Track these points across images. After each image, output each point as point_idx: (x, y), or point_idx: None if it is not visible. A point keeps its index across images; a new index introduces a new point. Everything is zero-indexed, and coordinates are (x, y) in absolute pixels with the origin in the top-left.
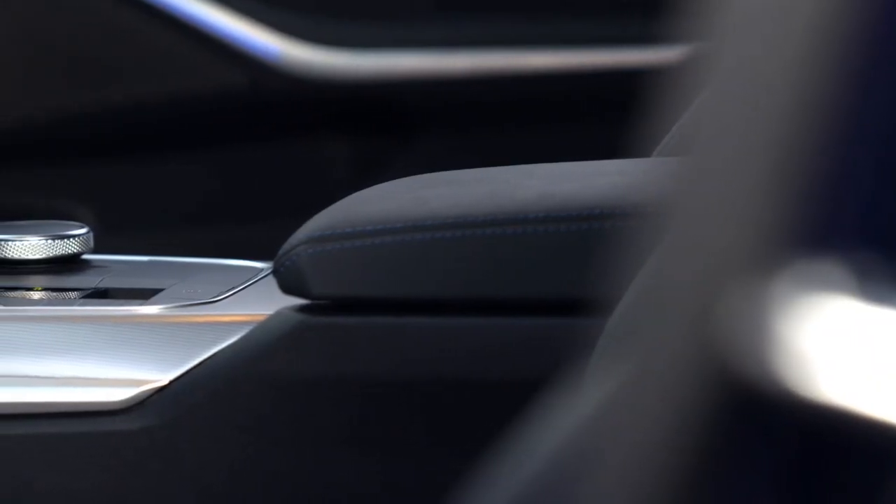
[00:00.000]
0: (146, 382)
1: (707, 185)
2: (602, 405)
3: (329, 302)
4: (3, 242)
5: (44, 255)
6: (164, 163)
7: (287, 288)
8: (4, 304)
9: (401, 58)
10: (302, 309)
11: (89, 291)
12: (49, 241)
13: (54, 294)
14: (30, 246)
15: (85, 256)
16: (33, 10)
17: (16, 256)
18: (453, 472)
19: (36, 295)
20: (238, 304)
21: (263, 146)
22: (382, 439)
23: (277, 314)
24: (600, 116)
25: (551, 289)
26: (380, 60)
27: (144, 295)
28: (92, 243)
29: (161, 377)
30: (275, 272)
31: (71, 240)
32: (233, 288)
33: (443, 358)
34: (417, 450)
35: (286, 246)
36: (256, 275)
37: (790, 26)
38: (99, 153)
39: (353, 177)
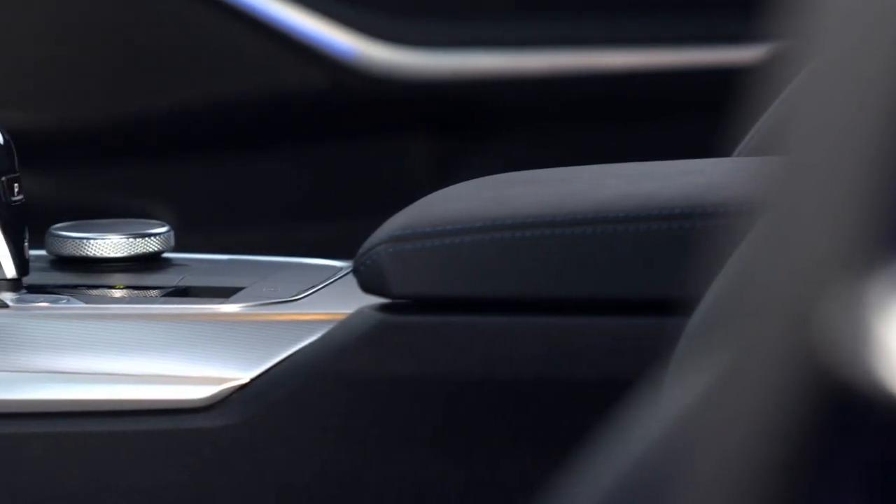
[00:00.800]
0: (227, 380)
1: (803, 185)
2: (691, 406)
3: (409, 301)
4: (85, 241)
5: (125, 254)
6: (243, 162)
7: (367, 287)
8: (87, 302)
9: (480, 57)
10: (382, 308)
11: (170, 290)
12: (131, 240)
13: (136, 292)
14: (111, 244)
15: (166, 255)
16: (116, 11)
17: (98, 255)
18: (533, 473)
19: (117, 293)
20: (318, 302)
21: (342, 146)
22: (461, 439)
23: (357, 313)
24: (679, 116)
25: (631, 289)
26: (459, 60)
27: (225, 293)
28: (173, 242)
29: (242, 375)
30: (355, 271)
31: (152, 238)
32: (313, 287)
33: (522, 357)
34: (496, 449)
35: (366, 245)
36: (336, 274)
37: (888, 23)
38: (179, 153)
39: (432, 176)
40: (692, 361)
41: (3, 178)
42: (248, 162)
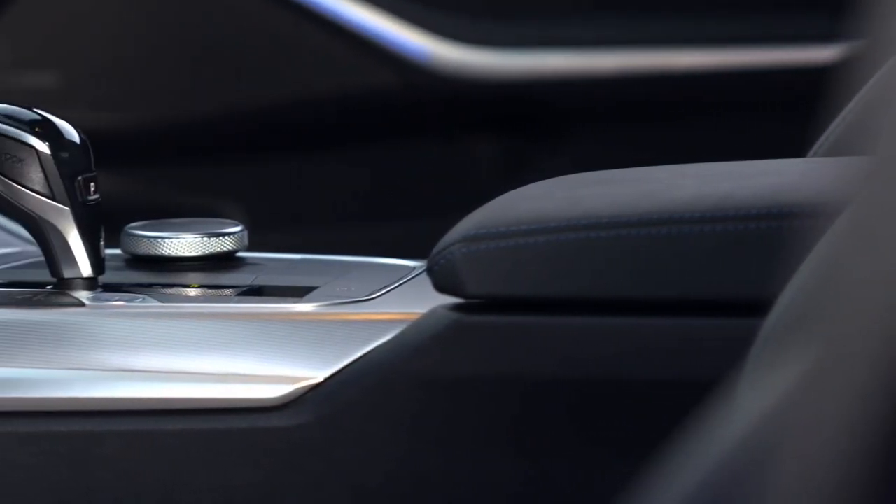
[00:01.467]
0: (301, 380)
1: (889, 184)
2: (771, 407)
3: (482, 301)
4: (160, 240)
5: (199, 253)
6: (315, 162)
7: (441, 286)
8: (161, 301)
9: (550, 57)
10: (456, 308)
11: (244, 289)
12: (205, 239)
13: (210, 291)
14: (186, 243)
15: (240, 254)
16: (190, 12)
17: (172, 253)
18: (606, 473)
19: (192, 292)
20: (392, 302)
21: (413, 145)
22: (535, 439)
23: (431, 313)
24: (753, 115)
25: (706, 289)
26: (529, 60)
27: (299, 293)
28: (246, 241)
29: (316, 374)
30: (429, 271)
31: (226, 237)
32: (386, 286)
33: (595, 358)
34: (570, 450)
35: (440, 244)
36: (409, 273)
37: None
38: (252, 152)
39: (502, 176)
40: (770, 362)
41: (80, 178)
42: (320, 161)
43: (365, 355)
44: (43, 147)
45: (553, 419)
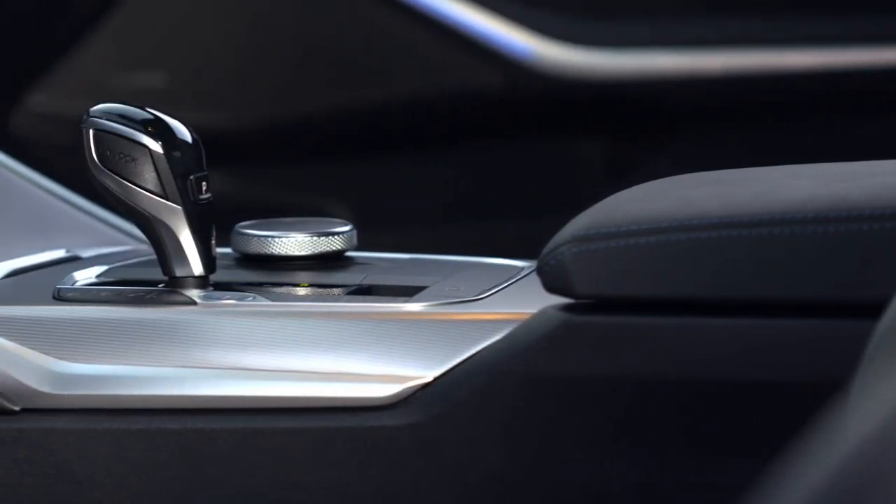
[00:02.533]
0: (411, 379)
1: None
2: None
3: (593, 301)
4: (270, 239)
5: (309, 252)
6: (419, 162)
7: (551, 287)
8: (272, 300)
9: (656, 57)
10: (566, 308)
11: (353, 288)
12: (314, 238)
13: (319, 290)
14: (296, 242)
15: (349, 253)
16: (297, 13)
17: (282, 252)
18: (712, 475)
19: (301, 291)
20: (501, 302)
21: (518, 145)
22: (642, 440)
23: (541, 313)
24: (863, 116)
25: (819, 291)
26: (635, 60)
27: (408, 292)
28: (355, 240)
29: (425, 374)
30: (538, 271)
31: (336, 237)
32: (495, 286)
33: (705, 359)
34: (677, 451)
35: (550, 245)
36: (518, 273)
37: None
38: (358, 151)
39: (607, 176)
40: (882, 370)
41: (192, 177)
42: (425, 161)
43: (474, 355)
44: (156, 146)
45: (661, 420)
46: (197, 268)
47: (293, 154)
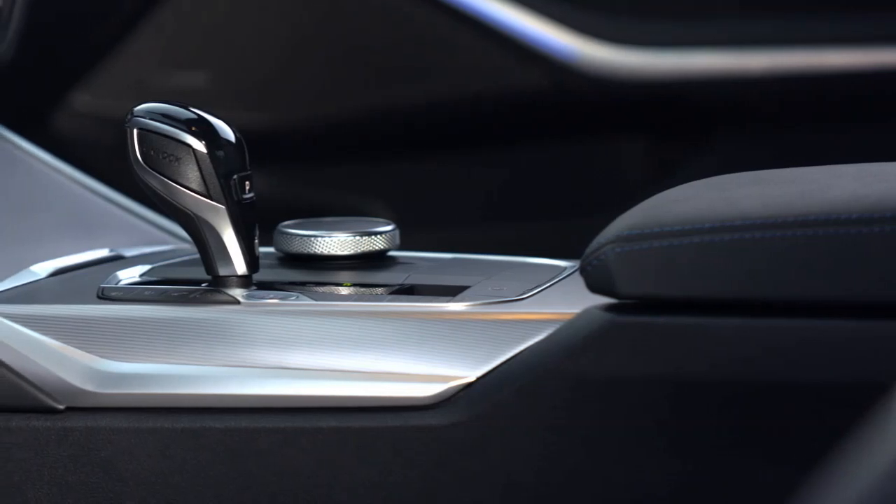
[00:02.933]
0: (454, 378)
1: None
2: None
3: (636, 301)
4: (312, 238)
5: (352, 252)
6: (461, 162)
7: (594, 287)
8: (315, 299)
9: (699, 57)
10: (609, 308)
11: (396, 287)
12: (357, 238)
13: (362, 290)
14: (338, 242)
15: (391, 253)
16: (340, 13)
17: (325, 252)
18: (756, 475)
19: (344, 290)
20: (544, 302)
21: (560, 145)
22: (685, 440)
23: (584, 313)
24: None
25: (861, 291)
26: (677, 59)
27: (451, 292)
28: (398, 240)
29: (468, 374)
30: (582, 271)
31: (378, 236)
32: (538, 286)
33: (748, 359)
34: (719, 451)
35: (593, 245)
36: (561, 273)
37: None
38: (400, 151)
39: (649, 176)
40: None
41: (235, 177)
42: (467, 161)
43: (517, 355)
44: (199, 146)
45: (703, 420)
46: (240, 267)
47: (335, 154)
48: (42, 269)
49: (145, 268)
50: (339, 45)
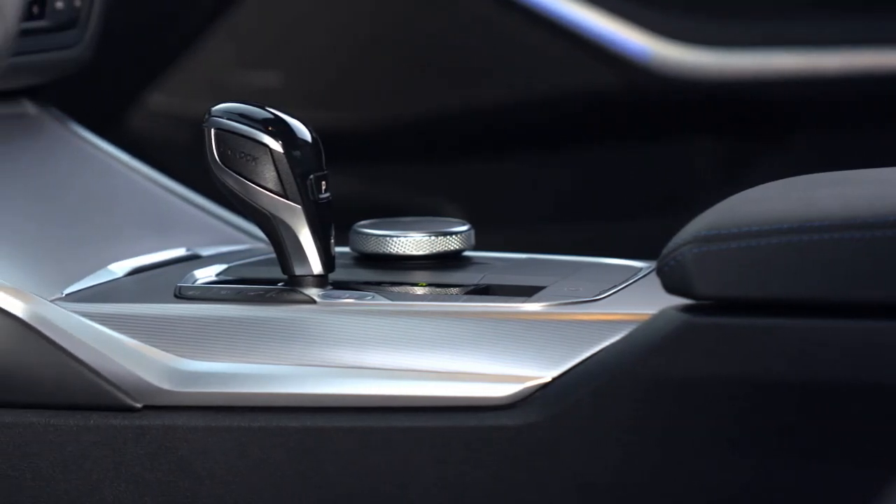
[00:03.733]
0: (529, 379)
1: None
2: None
3: (714, 302)
4: (388, 238)
5: (427, 252)
6: (533, 162)
7: (671, 287)
8: (391, 299)
9: (774, 57)
10: (686, 309)
11: (471, 288)
12: (433, 238)
13: (438, 290)
14: (414, 242)
15: (466, 253)
16: (415, 14)
17: (400, 252)
18: (833, 478)
19: (420, 290)
20: (620, 302)
21: (634, 145)
22: (762, 441)
23: (661, 314)
24: None
25: None
26: (751, 59)
27: (526, 292)
28: (473, 240)
29: (544, 374)
30: (659, 271)
31: (454, 236)
32: (615, 286)
33: (828, 361)
34: (796, 453)
35: (671, 245)
36: (636, 274)
37: None
38: (473, 151)
39: (723, 177)
40: None
41: (312, 176)
42: (541, 161)
43: (594, 355)
44: (276, 146)
45: (780, 422)
46: (316, 266)
47: (409, 154)
48: (119, 268)
49: (221, 267)
50: (413, 44)
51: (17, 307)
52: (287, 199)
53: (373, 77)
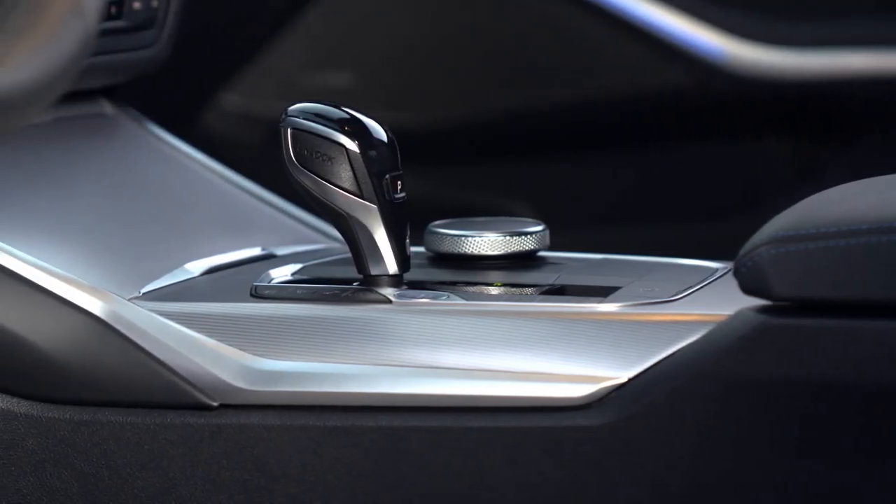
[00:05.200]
0: (605, 379)
1: None
2: None
3: (791, 303)
4: (462, 238)
5: (502, 252)
6: (606, 162)
7: (748, 288)
8: (465, 299)
9: (849, 57)
10: (763, 310)
11: (546, 288)
12: (507, 238)
13: (513, 290)
14: (489, 242)
15: (541, 253)
16: (486, 14)
17: (475, 252)
18: None
19: (495, 290)
20: (696, 303)
21: (707, 146)
22: (842, 444)
23: (738, 314)
24: None
25: None
26: (827, 60)
27: (601, 292)
28: (548, 240)
29: (620, 374)
30: (735, 272)
31: (529, 236)
32: (690, 287)
33: None
34: (879, 457)
35: (748, 246)
36: (712, 274)
37: None
38: (546, 151)
39: (797, 178)
40: None
41: (388, 176)
42: (615, 161)
43: (670, 356)
44: (352, 146)
45: (857, 424)
46: (391, 266)
47: (482, 154)
48: (196, 267)
49: (297, 266)
50: (486, 45)
51: (95, 306)
52: (363, 198)
53: (444, 77)
